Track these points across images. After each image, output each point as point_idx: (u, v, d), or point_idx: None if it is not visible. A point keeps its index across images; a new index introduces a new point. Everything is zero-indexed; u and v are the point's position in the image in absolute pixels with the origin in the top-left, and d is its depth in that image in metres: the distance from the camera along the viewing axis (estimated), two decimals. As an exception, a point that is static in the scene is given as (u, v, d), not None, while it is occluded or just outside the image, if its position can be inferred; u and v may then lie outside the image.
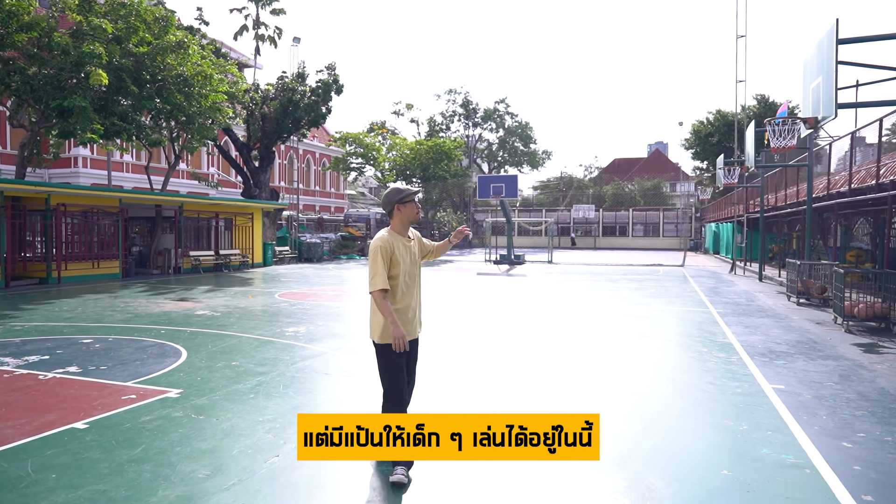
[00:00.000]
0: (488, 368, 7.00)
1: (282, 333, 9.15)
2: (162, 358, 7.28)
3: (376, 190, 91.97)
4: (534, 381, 6.43)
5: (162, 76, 17.53)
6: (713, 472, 4.00)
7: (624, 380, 6.49)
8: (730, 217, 34.54)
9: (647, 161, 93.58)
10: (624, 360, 7.51)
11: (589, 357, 7.66)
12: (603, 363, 7.30)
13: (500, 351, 8.05)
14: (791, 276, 14.19)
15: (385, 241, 3.83)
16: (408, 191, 3.96)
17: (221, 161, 39.18)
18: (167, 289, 16.08)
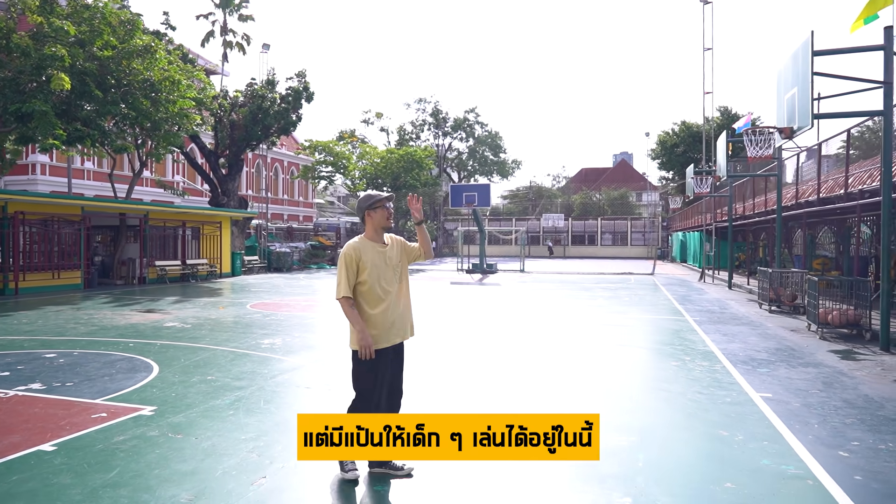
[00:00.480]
0: (472, 381, 6.85)
1: (257, 346, 8.85)
2: (132, 373, 6.94)
3: (345, 199, 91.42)
4: (520, 391, 6.30)
5: (127, 81, 17.00)
6: (717, 486, 3.91)
7: (612, 390, 6.41)
8: (697, 226, 35.19)
9: (613, 171, 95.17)
10: (609, 370, 7.44)
11: (573, 368, 7.57)
12: (588, 373, 7.22)
13: (482, 362, 7.91)
14: (763, 284, 14.42)
15: (352, 247, 3.83)
16: (378, 196, 3.95)
17: (187, 169, 38.33)
18: (133, 300, 15.52)
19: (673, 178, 56.87)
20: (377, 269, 3.85)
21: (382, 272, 3.88)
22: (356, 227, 45.48)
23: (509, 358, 8.15)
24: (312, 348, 8.71)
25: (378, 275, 3.85)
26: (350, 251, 3.83)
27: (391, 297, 3.91)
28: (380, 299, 3.86)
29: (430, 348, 8.78)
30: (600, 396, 6.15)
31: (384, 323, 3.87)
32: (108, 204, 19.62)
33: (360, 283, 3.83)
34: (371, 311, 3.84)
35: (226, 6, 41.98)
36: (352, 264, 3.80)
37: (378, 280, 3.86)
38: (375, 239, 3.95)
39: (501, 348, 8.89)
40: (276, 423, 5.12)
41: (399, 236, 4.21)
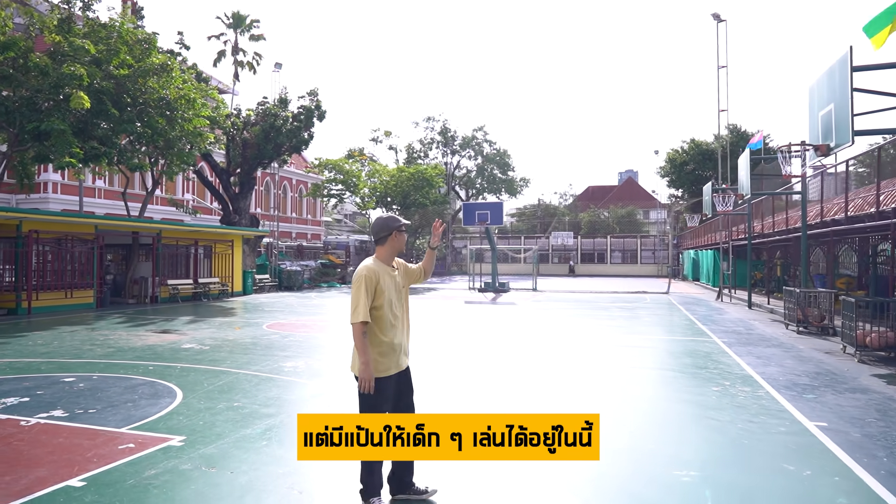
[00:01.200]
0: (501, 409, 6.56)
1: (280, 369, 8.59)
2: (155, 399, 6.69)
3: (352, 217, 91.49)
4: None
5: (143, 99, 16.96)
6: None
7: (656, 419, 6.11)
8: (710, 244, 34.86)
9: (620, 189, 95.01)
10: (648, 396, 7.14)
11: (609, 394, 7.28)
12: (626, 400, 6.93)
13: (509, 387, 7.62)
14: (789, 304, 14.09)
15: (371, 269, 3.69)
16: (400, 220, 3.89)
17: (197, 187, 38.38)
18: (146, 319, 15.31)
19: (683, 195, 56.67)
20: (390, 294, 3.75)
21: (394, 297, 3.80)
22: (365, 246, 45.39)
23: (537, 382, 7.86)
24: (336, 372, 8.44)
25: (391, 300, 3.76)
26: (369, 273, 3.68)
27: (399, 323, 3.84)
28: (391, 325, 3.76)
29: (452, 370, 8.51)
30: (645, 426, 5.85)
31: (394, 349, 3.77)
32: (122, 222, 19.51)
33: (374, 308, 3.69)
34: (383, 338, 3.73)
35: (237, 26, 42.44)
36: (371, 287, 3.66)
37: (391, 305, 3.76)
38: (388, 262, 3.86)
39: (527, 371, 8.60)
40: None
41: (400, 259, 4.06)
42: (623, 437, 5.46)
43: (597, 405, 6.64)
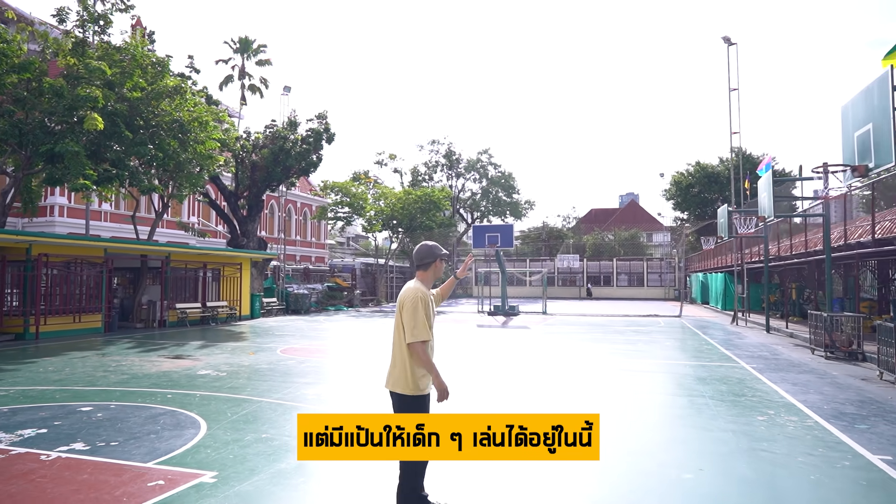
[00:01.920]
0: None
1: (303, 397, 8.27)
2: (179, 429, 6.38)
3: (354, 239, 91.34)
4: (608, 453, 5.69)
5: (156, 122, 16.86)
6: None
7: (709, 450, 5.78)
8: (720, 267, 34.56)
9: (623, 211, 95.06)
10: (693, 426, 6.81)
11: (650, 423, 6.95)
12: (672, 429, 6.60)
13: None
14: (816, 328, 13.77)
15: (423, 291, 3.86)
16: (443, 249, 4.11)
17: (202, 210, 38.29)
18: (156, 344, 14.99)
19: (689, 218, 56.57)
20: (430, 317, 3.90)
21: (433, 320, 3.98)
22: (370, 269, 45.07)
23: (566, 410, 7.53)
24: (366, 399, 8.12)
25: (431, 322, 3.92)
26: (424, 294, 3.85)
27: (433, 344, 4.03)
28: (431, 347, 3.93)
29: (476, 395, 8.19)
30: (699, 458, 5.53)
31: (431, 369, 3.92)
32: (132, 246, 19.27)
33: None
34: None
35: (244, 51, 42.76)
36: (427, 307, 3.83)
37: (432, 327, 3.94)
38: (428, 286, 4.02)
39: (553, 399, 8.27)
40: (357, 496, 4.54)
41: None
42: (682, 470, 5.13)
43: (642, 436, 6.31)
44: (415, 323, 3.74)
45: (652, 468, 5.24)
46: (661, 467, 5.26)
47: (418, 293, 3.80)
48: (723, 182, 52.20)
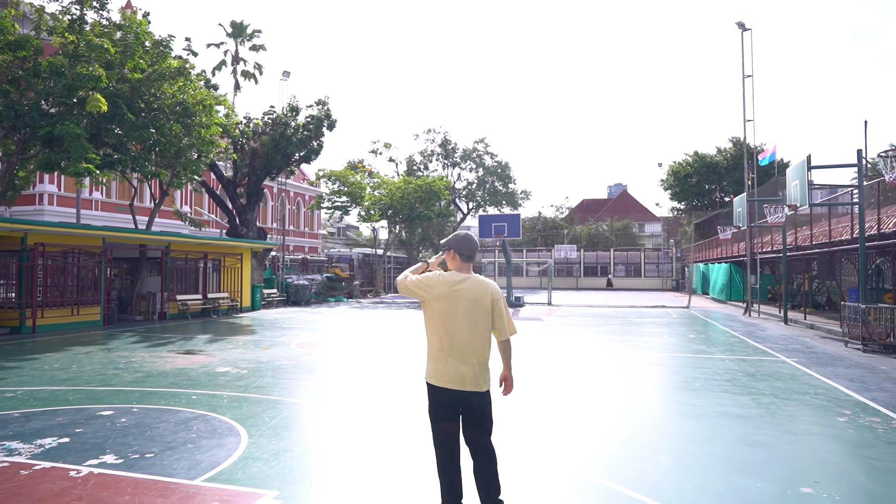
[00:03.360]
0: (597, 453, 5.67)
1: (340, 396, 7.65)
2: (217, 437, 5.73)
3: (345, 230, 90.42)
4: (666, 466, 5.13)
5: (158, 105, 16.01)
6: None
7: (818, 461, 5.24)
8: (724, 257, 34.22)
9: (615, 201, 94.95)
10: (778, 431, 6.27)
11: (732, 431, 6.40)
12: (760, 438, 6.05)
13: (598, 422, 6.73)
14: (851, 320, 13.34)
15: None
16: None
17: (195, 198, 37.34)
18: (162, 338, 14.27)
19: (686, 208, 56.28)
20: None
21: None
22: (368, 259, 44.36)
23: (629, 415, 6.98)
24: (408, 397, 7.50)
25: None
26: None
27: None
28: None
29: (524, 397, 7.61)
30: (805, 467, 4.98)
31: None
32: (132, 235, 18.46)
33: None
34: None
35: (238, 36, 41.56)
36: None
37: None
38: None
39: (610, 402, 7.71)
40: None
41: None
42: (797, 483, 4.57)
43: (730, 445, 5.76)
44: (509, 317, 3.78)
45: (764, 485, 4.67)
46: (773, 482, 4.70)
47: (498, 290, 3.79)
48: (721, 172, 51.90)
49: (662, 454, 5.36)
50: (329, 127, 27.44)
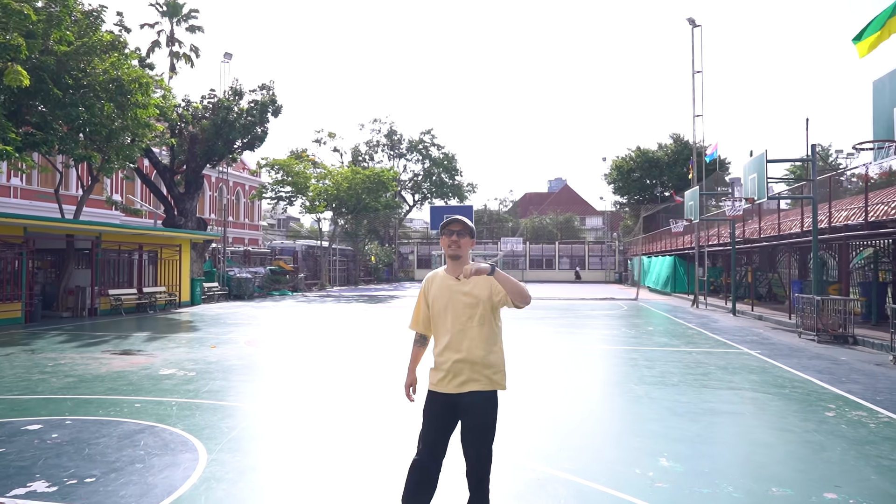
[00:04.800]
0: (585, 462, 5.28)
1: (308, 400, 6.97)
2: (170, 453, 4.98)
3: (286, 222, 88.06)
4: (671, 472, 4.79)
5: (87, 81, 14.63)
6: None
7: (828, 463, 4.98)
8: (667, 250, 34.98)
9: (557, 195, 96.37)
10: (773, 428, 6.03)
11: (728, 431, 6.13)
12: (759, 436, 5.79)
13: (576, 425, 6.36)
14: (804, 312, 13.57)
15: (426, 279, 3.46)
16: (448, 220, 3.36)
17: (127, 186, 35.16)
18: (94, 337, 13.07)
19: (628, 202, 57.47)
20: (439, 304, 3.35)
21: (449, 308, 3.33)
22: (313, 251, 43.10)
23: (611, 417, 6.63)
24: (372, 400, 6.90)
25: (440, 310, 3.35)
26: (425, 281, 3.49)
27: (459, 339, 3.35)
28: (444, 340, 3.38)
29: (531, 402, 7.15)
30: (817, 470, 4.70)
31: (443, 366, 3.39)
32: (58, 224, 16.92)
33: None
34: (434, 350, 3.47)
35: (173, 15, 39.28)
36: (421, 294, 3.47)
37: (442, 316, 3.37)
38: (449, 270, 3.36)
39: (596, 405, 7.36)
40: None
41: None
42: (819, 488, 4.27)
43: (733, 446, 5.46)
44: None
45: (783, 491, 4.35)
46: (792, 488, 4.39)
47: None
48: (662, 167, 53.24)
49: (663, 457, 4.99)
50: (274, 113, 26.24)
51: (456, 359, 3.18)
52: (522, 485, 4.37)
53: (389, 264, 53.63)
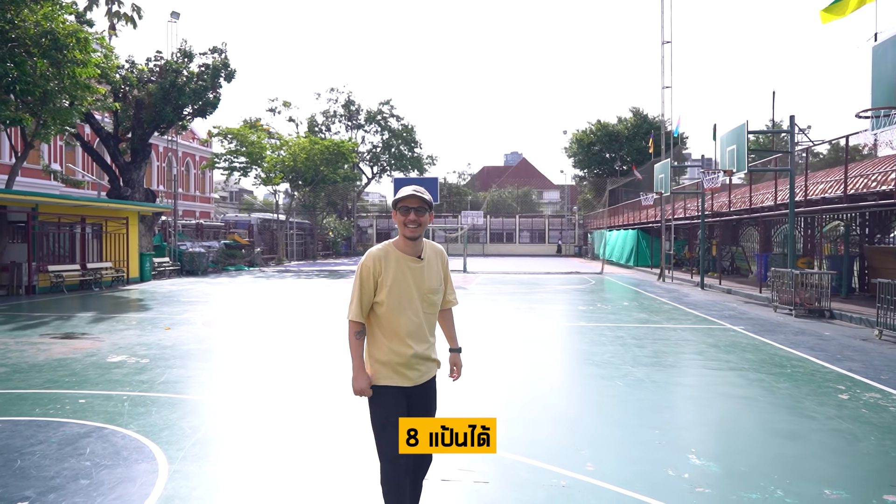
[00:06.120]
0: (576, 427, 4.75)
1: (278, 388, 6.20)
2: (122, 464, 4.18)
3: (238, 194, 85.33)
4: (707, 471, 4.29)
5: (16, 34, 13.10)
6: None
7: (867, 455, 4.55)
8: (629, 224, 35.04)
9: (515, 169, 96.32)
10: (794, 414, 5.61)
11: (748, 420, 5.68)
12: (783, 426, 5.35)
13: (568, 409, 5.83)
14: (784, 286, 13.43)
15: (371, 257, 2.87)
16: (399, 194, 2.91)
17: (67, 155, 32.91)
18: (32, 318, 11.88)
19: (585, 175, 57.55)
20: (400, 288, 2.90)
21: (407, 293, 2.92)
22: (269, 225, 41.61)
23: (634, 405, 6.12)
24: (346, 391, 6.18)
25: (401, 296, 2.90)
26: (366, 261, 2.90)
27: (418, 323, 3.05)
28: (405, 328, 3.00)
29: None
30: (863, 466, 4.27)
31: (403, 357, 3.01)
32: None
33: (377, 304, 2.93)
34: (390, 344, 3.01)
35: (113, -30, 36.73)
36: (369, 278, 2.87)
37: (402, 301, 2.94)
38: (403, 249, 2.90)
39: (599, 391, 6.84)
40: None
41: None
42: (878, 490, 3.81)
43: (767, 441, 4.99)
44: (350, 298, 2.92)
45: (837, 494, 3.87)
46: (845, 489, 3.91)
47: (363, 259, 2.88)
48: (622, 141, 53.36)
49: (692, 454, 4.47)
50: (227, 77, 24.68)
51: (422, 350, 2.88)
52: (546, 495, 3.77)
53: (348, 238, 52.47)
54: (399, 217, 2.84)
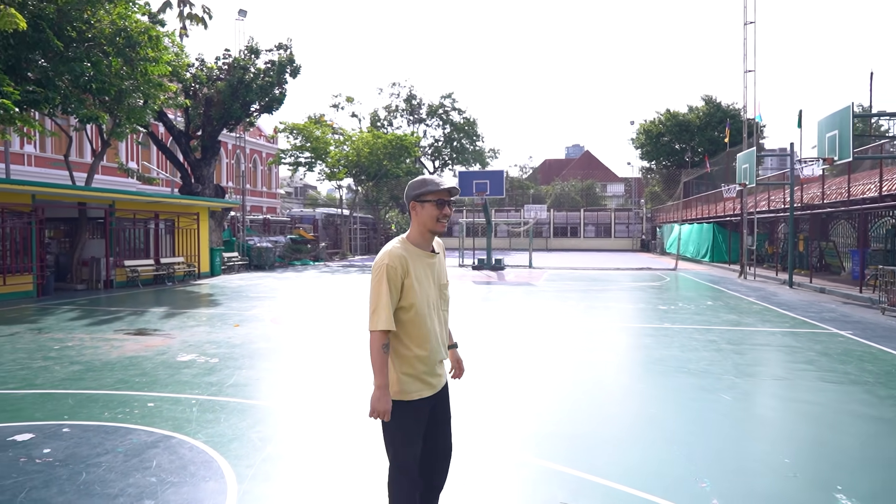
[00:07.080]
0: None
1: (355, 394, 5.80)
2: (189, 481, 3.83)
3: (303, 190, 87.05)
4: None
5: (92, 34, 13.33)
6: None
7: None
8: (704, 217, 33.31)
9: (578, 161, 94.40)
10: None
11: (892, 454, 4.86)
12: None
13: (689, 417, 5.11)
14: (890, 285, 12.14)
15: (394, 257, 2.55)
16: (432, 184, 2.63)
17: (142, 153, 34.06)
18: (108, 313, 12.06)
19: (652, 166, 55.41)
20: (424, 290, 2.64)
21: (430, 293, 2.69)
22: (332, 219, 42.02)
23: (761, 429, 5.37)
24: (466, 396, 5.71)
25: (425, 298, 2.64)
26: (392, 262, 2.56)
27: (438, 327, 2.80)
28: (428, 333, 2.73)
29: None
30: None
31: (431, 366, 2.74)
32: (67, 191, 15.86)
33: (401, 310, 2.59)
34: (417, 352, 2.67)
35: (185, -27, 37.65)
36: (397, 283, 2.55)
37: (427, 305, 2.67)
38: (422, 245, 2.68)
39: (721, 411, 6.10)
40: None
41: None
42: None
43: None
44: (374, 304, 2.53)
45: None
46: None
47: (385, 259, 2.57)
48: (693, 131, 51.01)
49: (838, 491, 3.74)
50: (293, 73, 24.79)
51: (444, 353, 2.75)
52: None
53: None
54: (432, 211, 2.61)
